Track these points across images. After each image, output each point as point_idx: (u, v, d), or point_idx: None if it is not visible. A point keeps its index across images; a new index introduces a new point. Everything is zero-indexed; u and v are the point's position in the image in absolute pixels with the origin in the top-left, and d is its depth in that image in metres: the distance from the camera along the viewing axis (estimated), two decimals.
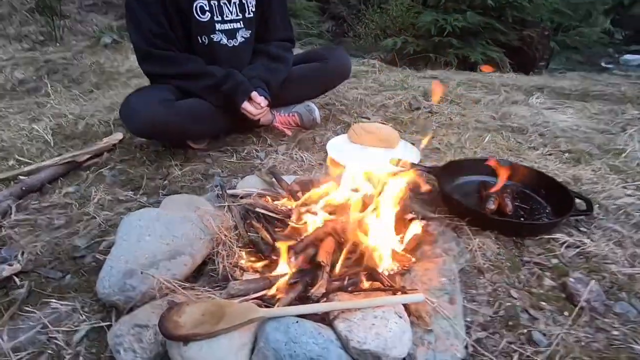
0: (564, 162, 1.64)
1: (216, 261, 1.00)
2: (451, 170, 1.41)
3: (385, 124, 1.81)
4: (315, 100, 2.00)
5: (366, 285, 0.92)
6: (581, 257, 1.10)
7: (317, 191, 1.16)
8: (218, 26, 1.63)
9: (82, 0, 4.33)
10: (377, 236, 0.97)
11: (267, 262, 1.01)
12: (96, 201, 1.36)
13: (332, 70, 1.92)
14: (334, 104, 2.21)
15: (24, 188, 1.39)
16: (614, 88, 2.71)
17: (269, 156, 1.66)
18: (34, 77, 2.98)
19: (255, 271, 0.99)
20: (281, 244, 0.96)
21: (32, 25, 3.94)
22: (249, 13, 1.70)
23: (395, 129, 1.78)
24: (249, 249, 1.06)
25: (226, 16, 1.64)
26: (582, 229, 1.21)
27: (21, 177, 1.47)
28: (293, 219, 1.10)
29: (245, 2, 1.67)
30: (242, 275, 0.97)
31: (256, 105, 1.63)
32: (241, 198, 1.25)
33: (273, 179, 1.33)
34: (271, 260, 1.01)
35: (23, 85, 2.87)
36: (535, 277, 1.03)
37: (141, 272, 0.89)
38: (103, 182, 1.49)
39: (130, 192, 1.43)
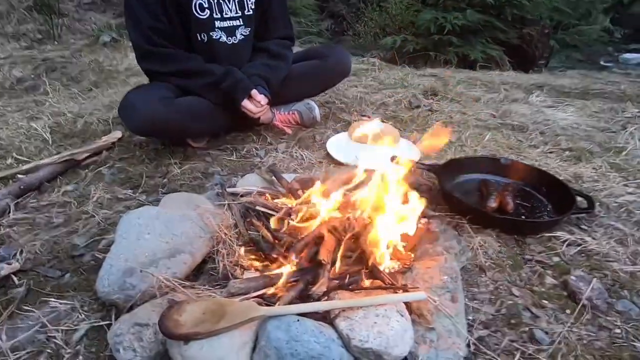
0: (565, 160, 1.63)
1: (216, 260, 0.99)
2: (452, 168, 1.40)
3: (385, 122, 1.81)
4: (315, 98, 1.99)
5: (367, 283, 0.92)
6: (583, 255, 1.10)
7: (317, 189, 1.16)
8: (217, 23, 1.62)
9: None
10: (379, 234, 0.96)
11: (268, 261, 1.00)
12: (95, 200, 1.35)
13: (332, 67, 1.91)
14: (334, 102, 2.20)
15: (23, 187, 1.38)
16: (614, 86, 2.70)
17: (269, 154, 1.66)
18: (32, 76, 2.97)
19: (255, 269, 0.99)
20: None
21: (30, 23, 3.92)
22: (249, 10, 1.69)
23: (395, 127, 1.78)
24: (249, 248, 1.05)
25: (225, 13, 1.63)
26: (584, 227, 1.21)
27: (20, 176, 1.47)
28: (293, 218, 1.09)
29: (244, 0, 1.66)
30: (243, 273, 0.96)
31: (256, 103, 1.63)
32: (241, 196, 1.24)
33: (273, 177, 1.33)
34: (272, 258, 1.00)
35: (21, 83, 2.86)
36: (536, 275, 1.03)
37: (141, 271, 0.88)
38: (102, 181, 1.48)
39: (129, 191, 1.42)
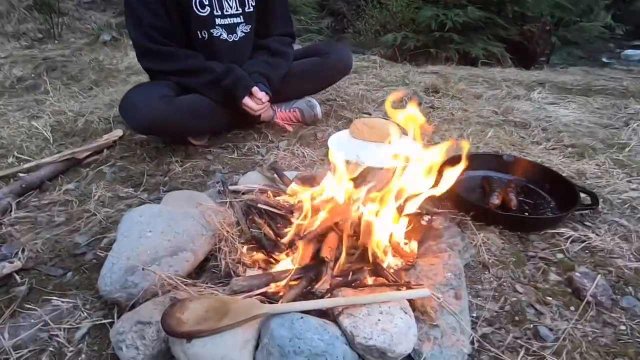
0: (568, 157, 1.63)
1: (218, 257, 0.99)
2: (453, 165, 1.39)
3: (386, 120, 1.80)
4: (316, 96, 1.99)
5: (370, 280, 0.91)
6: (587, 252, 1.10)
7: (318, 188, 1.15)
8: (218, 21, 1.61)
9: None
10: (382, 231, 0.96)
11: (270, 258, 1.00)
12: (96, 198, 1.35)
13: (333, 65, 1.90)
14: (335, 100, 2.19)
15: (24, 185, 1.38)
16: (616, 83, 2.69)
17: (270, 152, 1.65)
18: (33, 75, 2.96)
19: (258, 267, 0.98)
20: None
21: (31, 22, 3.91)
22: (249, 7, 1.68)
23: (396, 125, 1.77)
24: (252, 245, 1.05)
25: (226, 10, 1.62)
26: (587, 224, 1.20)
27: (21, 175, 1.46)
28: (296, 216, 1.09)
29: None
30: (245, 271, 0.96)
31: (257, 100, 1.62)
32: (243, 194, 1.23)
33: (274, 175, 1.32)
34: (274, 256, 1.00)
35: (22, 82, 2.85)
36: (540, 272, 1.03)
37: (143, 269, 0.88)
38: (103, 179, 1.48)
39: (130, 189, 1.42)
